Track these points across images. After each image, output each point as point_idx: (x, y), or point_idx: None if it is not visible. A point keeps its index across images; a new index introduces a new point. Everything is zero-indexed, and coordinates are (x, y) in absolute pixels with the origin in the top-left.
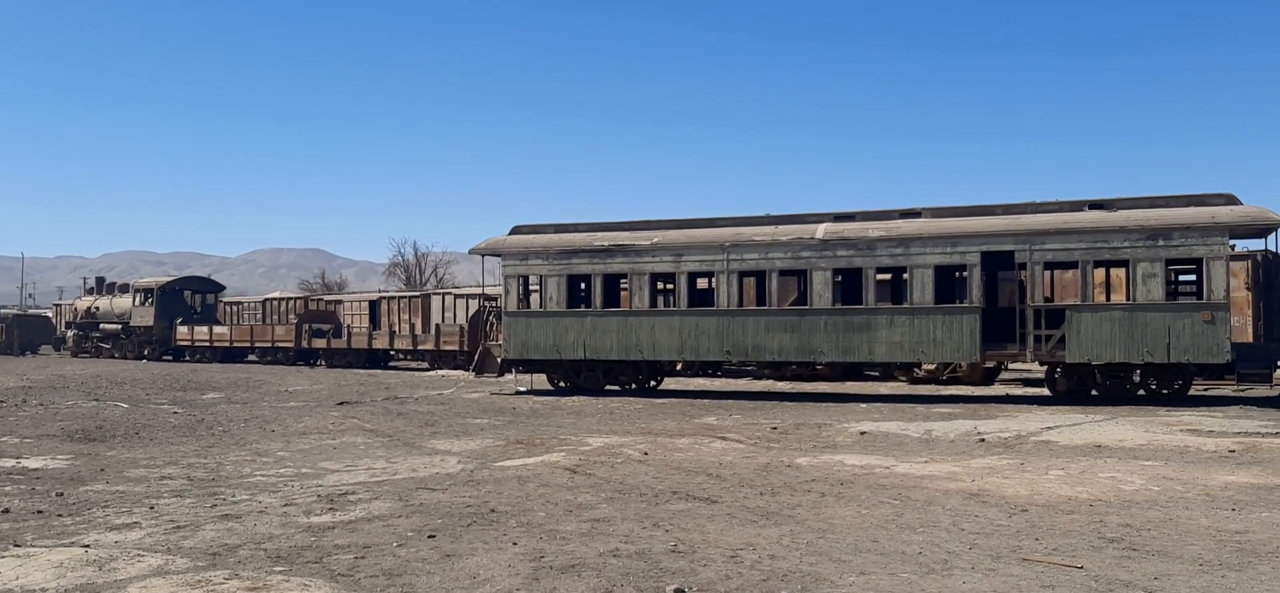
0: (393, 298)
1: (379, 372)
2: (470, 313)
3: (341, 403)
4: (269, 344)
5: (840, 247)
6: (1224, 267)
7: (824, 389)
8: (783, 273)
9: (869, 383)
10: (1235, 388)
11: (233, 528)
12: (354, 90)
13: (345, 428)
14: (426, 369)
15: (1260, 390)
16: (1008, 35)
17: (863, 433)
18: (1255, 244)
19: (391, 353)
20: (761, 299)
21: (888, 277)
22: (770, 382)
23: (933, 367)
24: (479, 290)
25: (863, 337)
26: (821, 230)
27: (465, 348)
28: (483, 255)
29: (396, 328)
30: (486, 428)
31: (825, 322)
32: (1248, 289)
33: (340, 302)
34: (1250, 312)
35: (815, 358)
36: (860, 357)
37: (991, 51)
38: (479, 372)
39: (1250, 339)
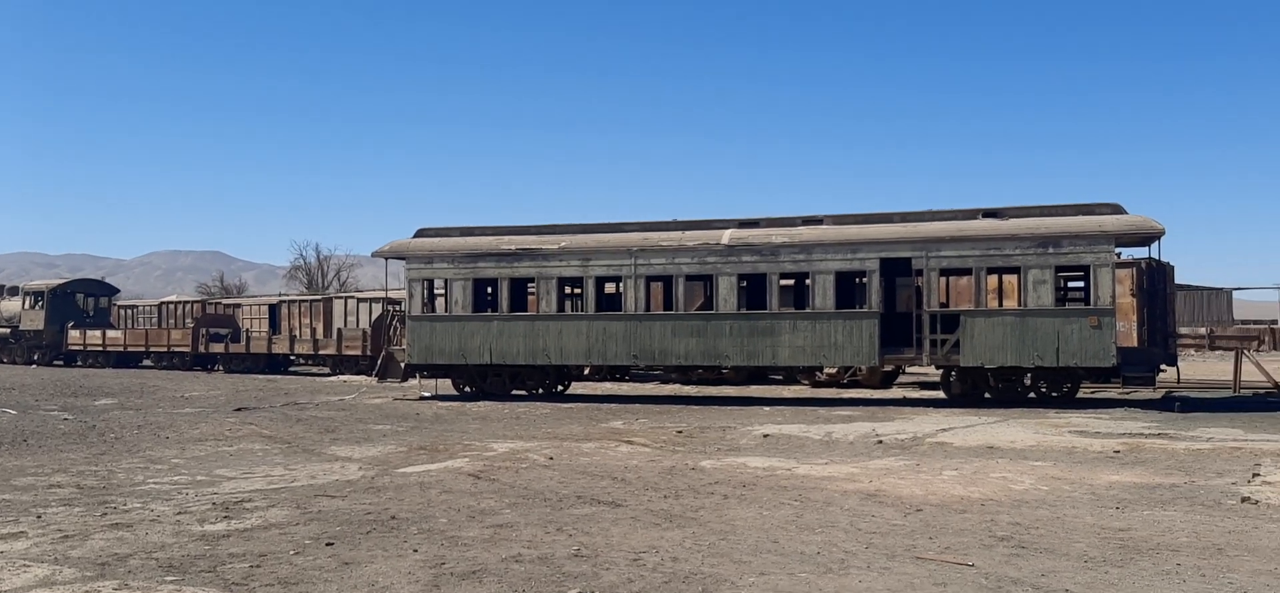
0: (293, 301)
1: (279, 377)
2: (374, 317)
3: (239, 409)
4: (165, 349)
5: (745, 252)
6: (1110, 274)
7: (729, 393)
8: (689, 278)
9: (773, 387)
10: (1120, 391)
11: (123, 537)
12: (255, 92)
13: (242, 434)
14: (328, 374)
15: (1144, 393)
16: (910, 42)
17: (766, 436)
18: (1140, 252)
19: (292, 358)
20: (668, 304)
21: (791, 282)
22: (677, 386)
23: (834, 370)
24: (383, 294)
25: (767, 341)
26: (727, 236)
27: (368, 353)
28: (387, 258)
29: (297, 332)
30: (389, 434)
31: (731, 326)
32: (1133, 295)
33: (239, 305)
34: (1135, 317)
35: (721, 362)
36: (764, 361)
37: (895, 58)
38: (382, 377)
39: (1135, 343)
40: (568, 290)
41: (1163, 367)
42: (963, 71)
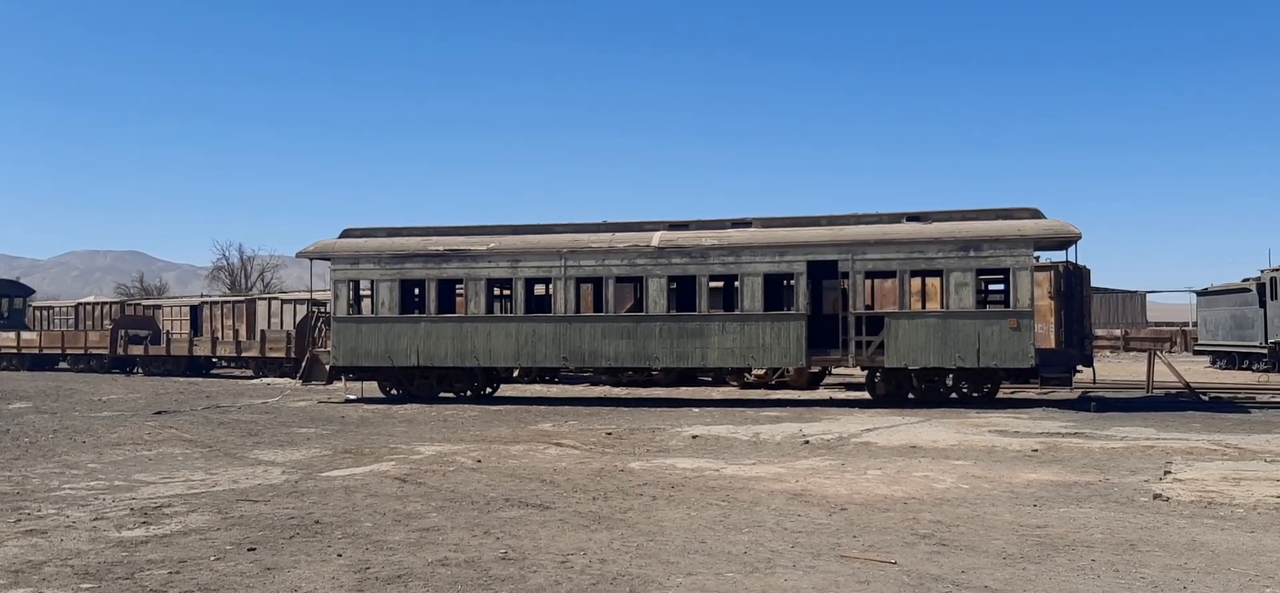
0: (216, 302)
1: (200, 380)
2: (298, 319)
3: (159, 412)
4: (82, 351)
5: (675, 255)
6: (1029, 277)
7: (659, 394)
8: (619, 280)
9: (702, 388)
10: (1039, 391)
11: (38, 544)
12: (177, 88)
13: (162, 438)
14: (251, 377)
15: (1061, 393)
16: (835, 45)
17: (695, 437)
18: (1057, 255)
19: (214, 360)
20: (598, 305)
21: (720, 284)
22: (607, 387)
23: (762, 371)
24: (307, 295)
25: (696, 343)
26: (657, 238)
27: (292, 355)
28: (311, 259)
29: (219, 334)
30: (313, 437)
31: (660, 328)
32: (1051, 298)
33: (159, 306)
34: (1053, 319)
35: (651, 363)
36: (694, 362)
37: (821, 61)
38: (306, 379)
39: (1053, 345)
40: (497, 292)
41: (1079, 367)
42: (887, 74)
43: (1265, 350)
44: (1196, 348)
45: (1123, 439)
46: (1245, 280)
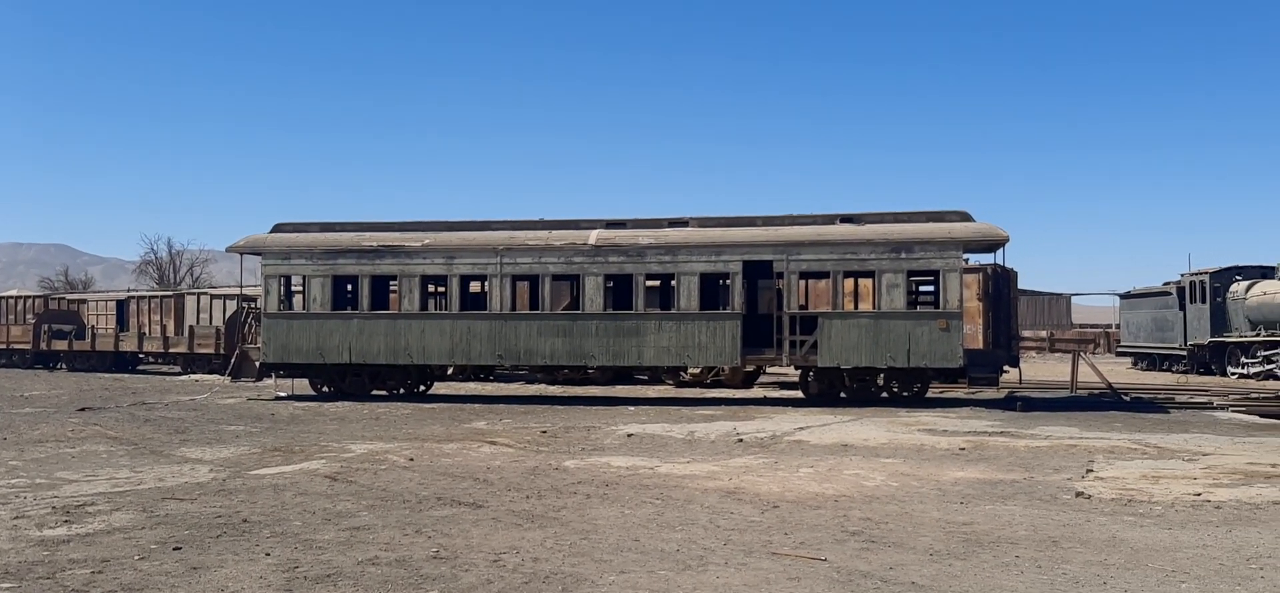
0: (143, 297)
1: (126, 376)
2: (228, 314)
3: (83, 409)
4: (4, 346)
5: (612, 253)
6: (958, 279)
7: (595, 393)
8: (556, 278)
9: (638, 386)
10: (967, 390)
11: None
12: (106, 78)
13: (86, 435)
14: (179, 373)
15: (988, 393)
16: (770, 45)
17: (630, 435)
18: (986, 258)
19: (141, 356)
20: (535, 303)
21: (657, 283)
22: (543, 385)
23: (698, 370)
24: (238, 291)
25: (633, 341)
26: (594, 237)
27: (222, 351)
28: (242, 254)
29: (146, 329)
30: (242, 435)
31: (597, 326)
32: (979, 300)
33: (84, 301)
34: (981, 320)
35: (587, 362)
36: (630, 361)
37: (756, 60)
38: (236, 376)
39: (981, 346)
40: (431, 289)
41: (1006, 368)
42: (821, 75)
43: (1184, 352)
44: (1119, 349)
45: (1047, 438)
46: (1166, 284)
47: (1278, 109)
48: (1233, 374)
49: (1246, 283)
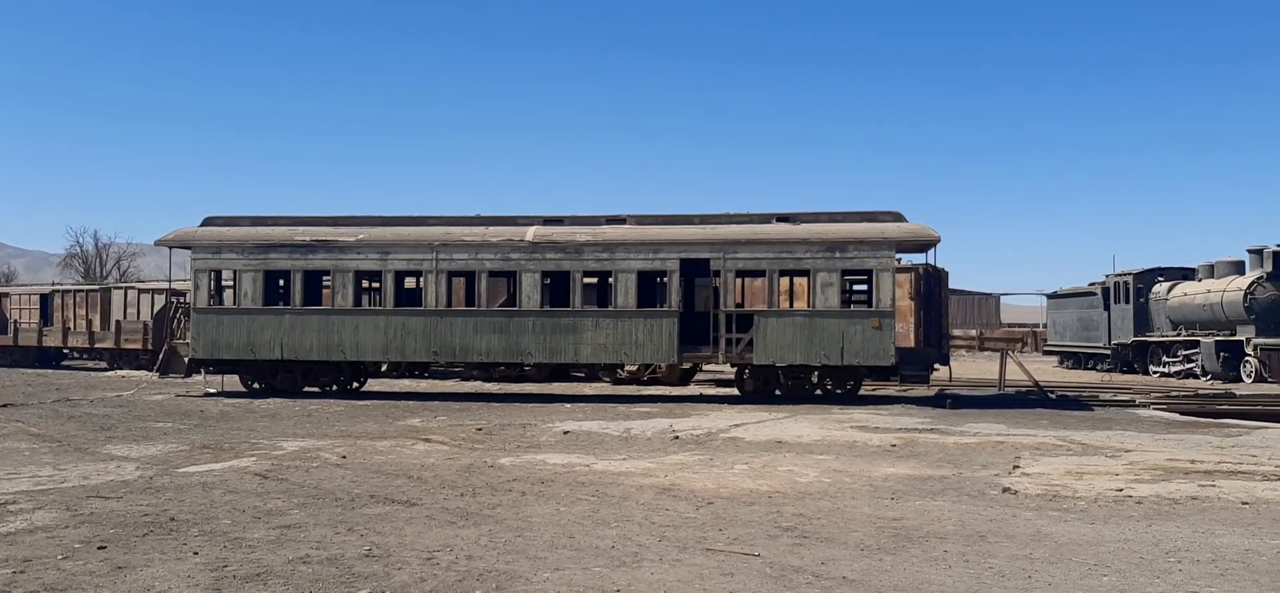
0: (68, 291)
1: (50, 372)
2: (156, 309)
3: (4, 405)
4: None
5: (549, 250)
6: (891, 278)
7: (531, 390)
8: (492, 274)
9: (575, 384)
10: (898, 388)
11: None
12: (27, 65)
13: (7, 432)
14: (105, 369)
15: (919, 391)
16: (706, 45)
17: (566, 433)
18: (918, 257)
19: (65, 351)
20: (470, 300)
21: (594, 280)
22: (478, 383)
23: (635, 368)
24: (166, 285)
25: (569, 338)
26: (531, 233)
27: (149, 347)
28: (171, 247)
29: (71, 324)
30: (170, 432)
31: (533, 323)
32: (911, 299)
33: (7, 295)
34: (913, 319)
35: (523, 359)
36: (567, 358)
37: (693, 60)
38: (164, 372)
39: (912, 344)
40: (365, 285)
41: (937, 366)
42: (757, 75)
43: (1109, 351)
44: (1046, 348)
45: (976, 435)
46: (1092, 284)
47: (1199, 116)
48: (1155, 373)
49: (1168, 284)
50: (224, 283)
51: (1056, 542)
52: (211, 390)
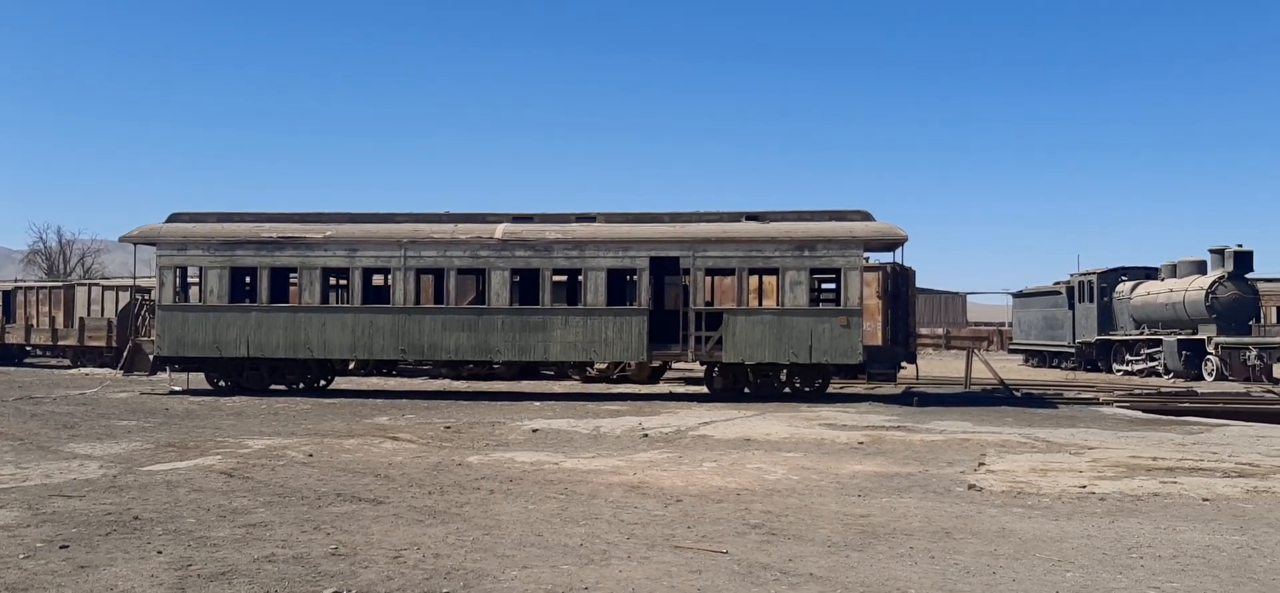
0: (30, 288)
1: (12, 369)
2: (121, 306)
3: None
4: None
5: (518, 247)
6: (859, 277)
7: (500, 388)
8: (461, 272)
9: (544, 382)
10: (866, 386)
11: None
12: None
13: None
14: (69, 367)
15: (886, 388)
16: (677, 43)
17: (535, 431)
18: (886, 256)
19: (28, 349)
20: (439, 297)
21: (563, 278)
22: (447, 381)
23: (604, 366)
24: (131, 282)
25: (539, 336)
26: (500, 231)
27: (114, 344)
28: (136, 244)
29: (34, 321)
30: (134, 430)
31: (502, 321)
32: (879, 297)
33: None
34: (880, 318)
35: (492, 357)
36: (536, 356)
37: (663, 58)
38: (128, 370)
39: (880, 342)
40: (333, 282)
41: (904, 364)
42: (725, 72)
43: (1073, 349)
44: (1012, 347)
45: (942, 433)
46: (1057, 284)
47: (1162, 117)
48: (1118, 371)
49: (1132, 283)
50: (190, 280)
51: (1021, 538)
52: (177, 388)
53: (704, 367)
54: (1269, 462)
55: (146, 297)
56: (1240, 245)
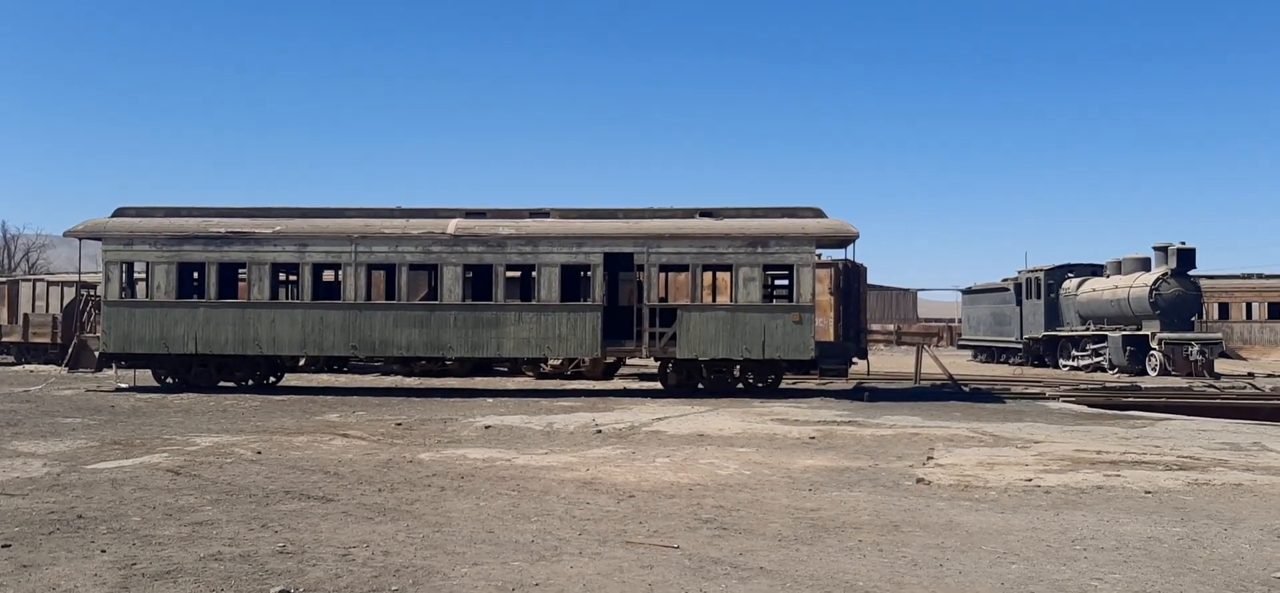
0: None
1: None
2: (66, 302)
3: None
4: None
5: (471, 243)
6: (811, 273)
7: (453, 384)
8: (413, 267)
9: (498, 378)
10: (818, 381)
11: None
12: None
13: None
14: (12, 364)
15: (838, 384)
16: (630, 40)
17: (487, 427)
18: (837, 253)
19: None
20: (391, 293)
21: (517, 274)
22: (399, 377)
23: (558, 362)
24: (77, 278)
25: (492, 332)
26: (453, 226)
27: (59, 341)
28: (82, 239)
29: None
30: (80, 428)
31: (455, 317)
32: (831, 294)
33: None
34: (832, 314)
35: (445, 353)
36: (489, 352)
37: (615, 56)
38: (74, 366)
39: (832, 338)
40: (283, 277)
41: (855, 360)
42: (676, 68)
43: (1021, 345)
44: (961, 343)
45: (892, 427)
46: (1005, 280)
47: (1110, 114)
48: (1064, 366)
49: (1078, 280)
50: (136, 275)
51: (967, 531)
52: (123, 385)
53: (658, 363)
54: (1209, 455)
55: (92, 293)
56: (1183, 243)
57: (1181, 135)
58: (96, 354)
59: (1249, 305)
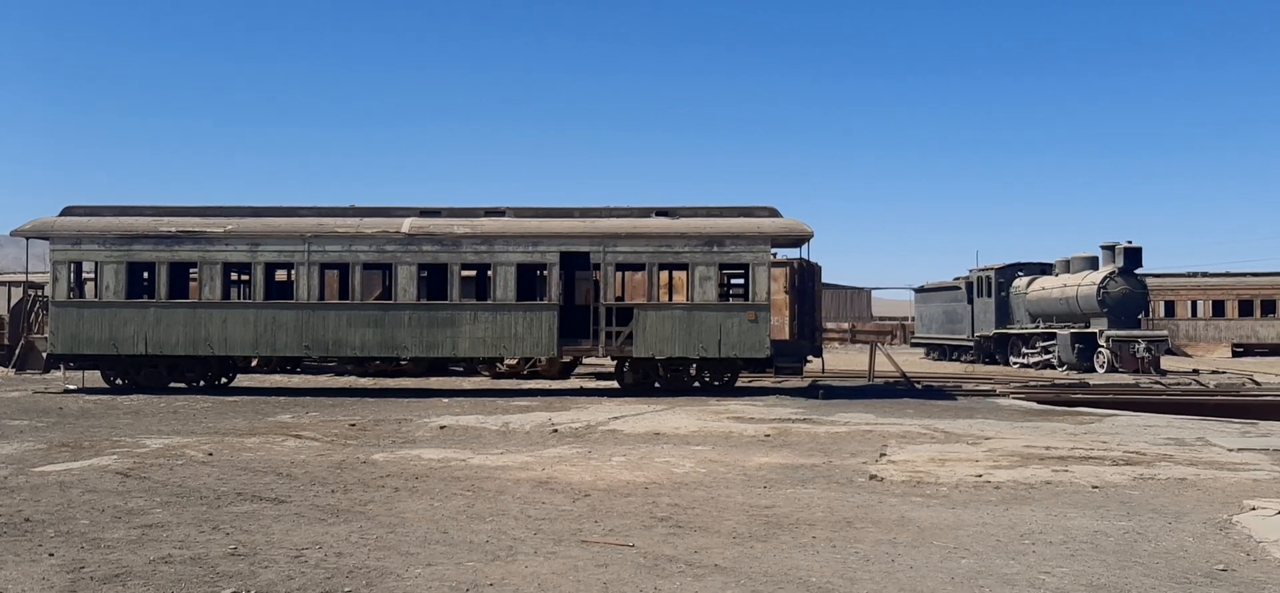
0: None
1: None
2: (12, 303)
3: None
4: None
5: (426, 242)
6: (767, 272)
7: (408, 384)
8: (367, 266)
9: (453, 378)
10: (773, 379)
11: None
12: None
13: None
14: None
15: (793, 382)
16: (585, 38)
17: (443, 427)
18: (793, 252)
19: None
20: (345, 293)
21: (473, 273)
22: (353, 377)
23: (514, 361)
24: (24, 277)
25: (447, 332)
26: (407, 225)
27: (6, 342)
28: (28, 238)
29: None
30: (27, 430)
31: (410, 317)
32: (786, 292)
33: None
34: (787, 312)
35: (399, 353)
36: (445, 352)
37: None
38: (21, 368)
39: (787, 336)
40: (234, 277)
41: (810, 358)
42: (631, 64)
43: (972, 343)
44: (914, 341)
45: (846, 425)
46: (957, 279)
47: (1059, 116)
48: (1015, 364)
49: (1028, 278)
50: (85, 275)
51: (919, 526)
52: (71, 386)
53: (615, 362)
54: (1155, 450)
55: (40, 293)
56: (1130, 242)
57: (1129, 137)
58: (44, 355)
59: (1194, 303)
